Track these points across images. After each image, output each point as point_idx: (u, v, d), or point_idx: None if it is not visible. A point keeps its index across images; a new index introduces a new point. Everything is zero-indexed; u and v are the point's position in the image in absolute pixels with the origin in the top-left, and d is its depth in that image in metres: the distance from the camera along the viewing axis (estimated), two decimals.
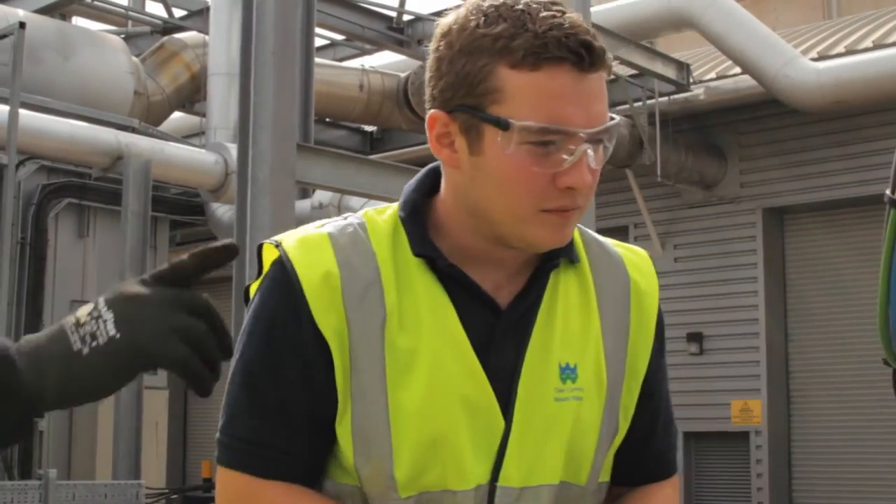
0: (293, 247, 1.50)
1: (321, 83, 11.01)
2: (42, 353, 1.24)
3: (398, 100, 12.49)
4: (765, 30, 11.55)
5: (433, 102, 1.47)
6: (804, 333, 12.35)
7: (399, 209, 1.54)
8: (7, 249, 8.31)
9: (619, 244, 1.67)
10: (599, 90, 1.42)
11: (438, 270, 1.49)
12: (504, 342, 1.50)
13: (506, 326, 1.50)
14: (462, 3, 1.50)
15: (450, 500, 1.47)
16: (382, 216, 1.55)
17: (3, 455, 8.33)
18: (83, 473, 10.08)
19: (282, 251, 1.51)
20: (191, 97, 12.33)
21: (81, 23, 13.27)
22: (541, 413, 1.50)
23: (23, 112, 8.85)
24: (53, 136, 9.51)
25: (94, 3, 13.08)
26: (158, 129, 11.30)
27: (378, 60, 14.26)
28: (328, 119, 13.61)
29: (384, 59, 14.47)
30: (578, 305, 1.56)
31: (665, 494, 1.66)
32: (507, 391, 1.49)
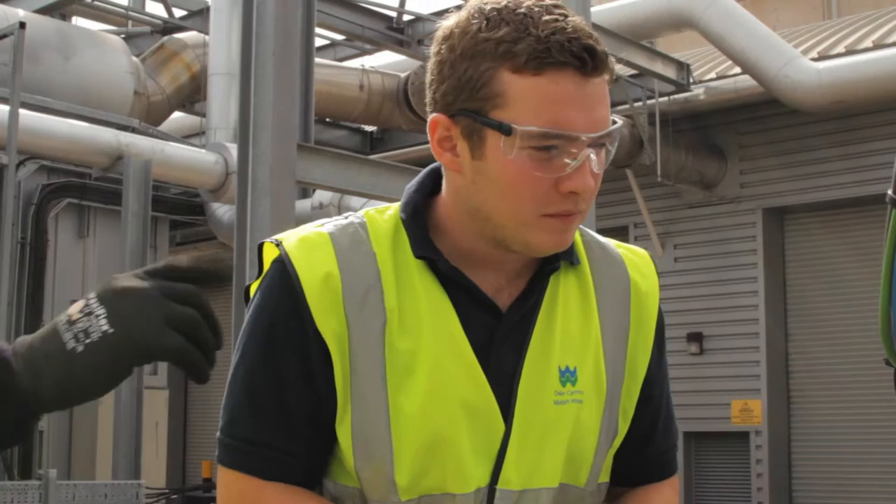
0: (294, 246, 1.50)
1: (321, 83, 11.00)
2: (36, 354, 1.23)
3: (398, 100, 12.49)
4: (765, 30, 11.55)
5: (434, 106, 1.47)
6: (804, 333, 12.35)
7: (400, 210, 1.53)
8: (7, 249, 8.30)
9: (621, 245, 1.66)
10: (602, 94, 1.42)
11: (439, 272, 1.49)
12: (504, 345, 1.49)
13: (506, 329, 1.50)
14: (463, 5, 1.49)
15: (449, 503, 1.47)
16: (383, 216, 1.54)
17: (4, 455, 8.32)
18: (83, 473, 10.08)
19: (282, 250, 1.50)
20: (191, 97, 12.33)
21: (81, 23, 13.26)
22: (540, 416, 1.49)
23: (23, 112, 8.84)
24: (53, 136, 9.50)
25: (94, 3, 13.07)
26: (158, 129, 11.29)
27: (378, 60, 14.26)
28: (328, 119, 13.61)
29: (384, 59, 14.46)
30: (578, 308, 1.56)
31: (664, 495, 1.66)
32: (507, 394, 1.48)
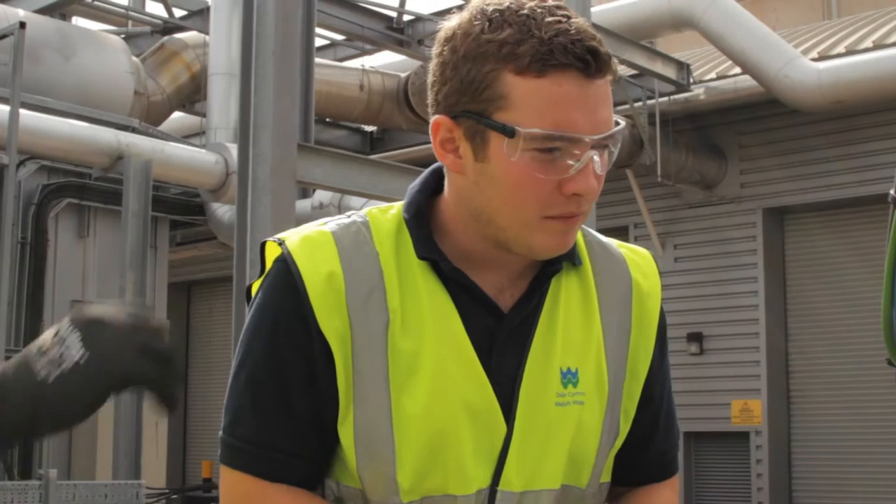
0: (297, 245, 1.49)
1: (321, 83, 11.01)
2: (7, 385, 1.21)
3: (398, 100, 12.48)
4: (765, 30, 11.55)
5: (437, 107, 1.46)
6: (804, 333, 12.35)
7: (403, 210, 1.53)
8: (7, 249, 8.30)
9: (623, 245, 1.66)
10: (605, 96, 1.41)
11: (441, 273, 1.48)
12: (506, 346, 1.49)
13: (508, 330, 1.50)
14: (464, 5, 1.49)
15: None
16: (386, 215, 1.54)
17: (4, 455, 8.32)
18: (83, 473, 10.07)
19: (285, 249, 1.49)
20: (191, 97, 12.32)
21: (82, 23, 13.26)
22: (542, 418, 1.49)
23: (23, 112, 8.84)
24: (54, 136, 9.50)
25: (95, 3, 13.06)
26: (159, 129, 11.29)
27: (378, 60, 14.25)
28: (328, 119, 13.61)
29: (384, 59, 14.45)
30: (580, 309, 1.55)
31: (664, 496, 1.65)
32: (509, 395, 1.48)
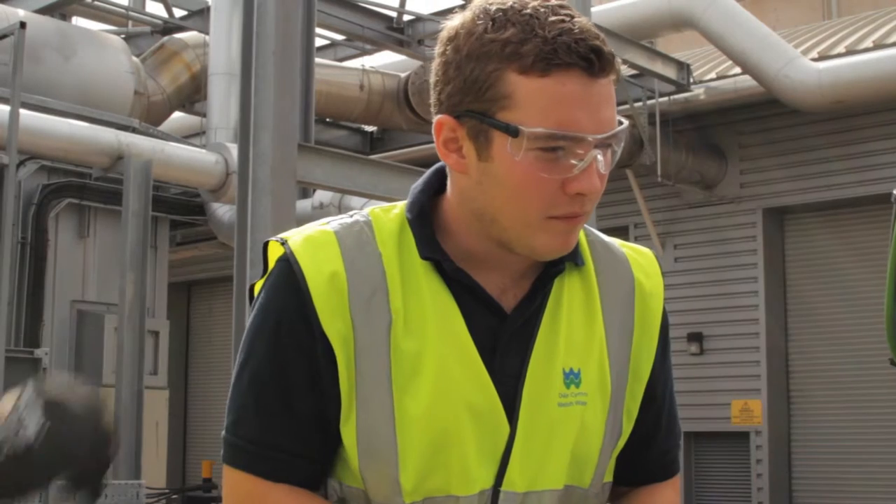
0: (299, 245, 1.49)
1: (321, 83, 11.00)
2: None
3: (398, 100, 12.48)
4: (765, 30, 11.55)
5: (440, 107, 1.46)
6: (804, 333, 12.35)
7: (406, 210, 1.53)
8: (7, 249, 8.29)
9: (625, 244, 1.66)
10: (608, 95, 1.41)
11: (444, 273, 1.48)
12: (509, 347, 1.49)
13: (510, 331, 1.49)
14: (465, 4, 1.49)
15: None
16: (389, 215, 1.53)
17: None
18: None
19: (287, 249, 1.49)
20: (191, 97, 12.32)
21: (82, 23, 13.26)
22: (545, 418, 1.49)
23: (23, 112, 8.83)
24: (54, 136, 9.50)
25: (95, 3, 13.06)
26: (159, 129, 11.29)
27: (378, 60, 14.26)
28: (328, 119, 13.61)
29: (384, 59, 14.45)
30: (583, 309, 1.55)
31: (666, 496, 1.66)
32: (512, 396, 1.48)
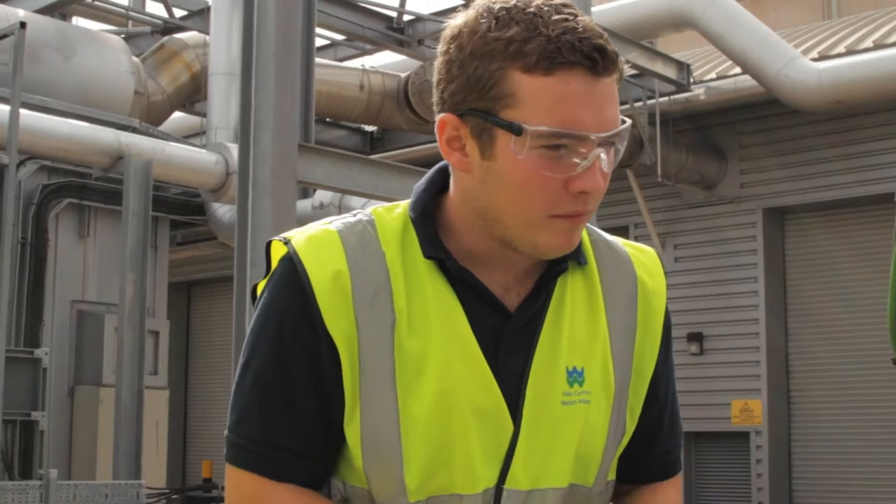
0: (303, 244, 1.49)
1: (321, 83, 11.00)
2: None
3: (398, 100, 12.48)
4: (765, 30, 11.55)
5: (443, 106, 1.45)
6: (804, 333, 12.35)
7: (409, 209, 1.53)
8: (7, 249, 8.29)
9: (628, 243, 1.66)
10: (612, 94, 1.41)
11: (448, 272, 1.48)
12: (512, 346, 1.49)
13: (514, 330, 1.49)
14: (467, 3, 1.49)
15: None
16: (392, 214, 1.53)
17: (4, 455, 8.33)
18: (84, 473, 10.08)
19: (291, 248, 1.49)
20: (191, 97, 12.32)
21: (82, 23, 13.26)
22: (548, 417, 1.49)
23: (23, 112, 8.83)
24: (54, 136, 9.50)
25: (95, 3, 13.06)
26: (159, 129, 11.29)
27: (378, 60, 14.26)
28: (328, 119, 13.61)
29: (384, 60, 14.46)
30: (586, 308, 1.55)
31: (668, 495, 1.66)
32: (516, 395, 1.48)
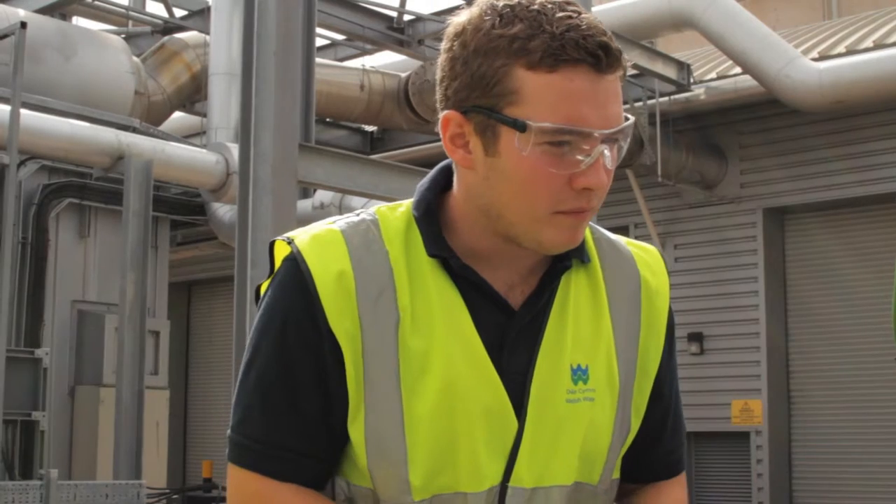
0: (306, 244, 1.49)
1: (322, 83, 11.00)
2: None
3: (399, 100, 12.48)
4: (765, 30, 11.55)
5: (446, 103, 1.46)
6: (805, 333, 12.35)
7: (413, 208, 1.53)
8: (8, 249, 8.29)
9: (631, 242, 1.67)
10: (615, 91, 1.42)
11: (451, 271, 1.48)
12: (516, 343, 1.49)
13: (518, 328, 1.50)
14: (469, 2, 1.49)
15: (461, 503, 1.46)
16: (395, 213, 1.54)
17: (5, 455, 8.33)
18: (84, 473, 10.08)
19: (294, 248, 1.49)
20: (191, 97, 12.33)
21: (82, 23, 13.26)
22: (553, 414, 1.49)
23: (24, 112, 8.83)
24: (54, 136, 9.50)
25: (95, 3, 13.06)
26: (159, 129, 11.30)
27: (379, 60, 14.26)
28: (328, 119, 13.61)
29: (385, 59, 14.46)
30: (589, 306, 1.56)
31: (675, 494, 1.66)
32: (520, 393, 1.48)
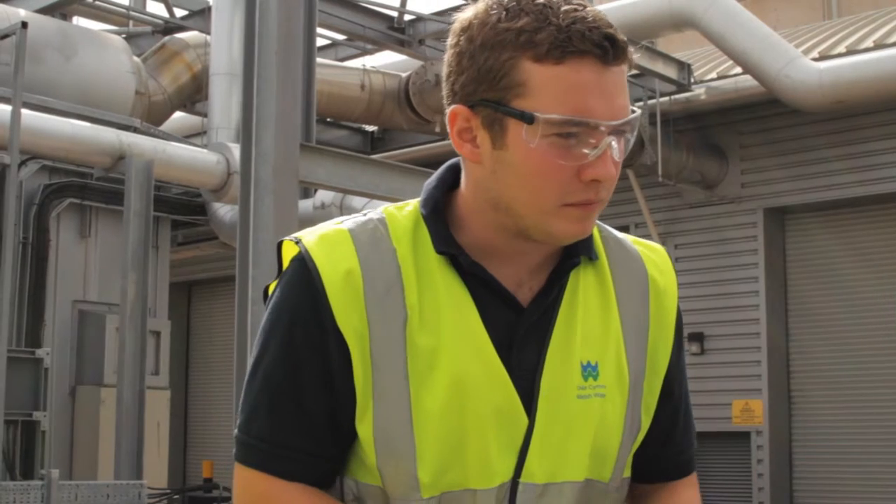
0: (314, 244, 1.49)
1: (322, 83, 11.01)
2: None
3: (399, 100, 12.49)
4: (766, 30, 11.55)
5: (453, 98, 1.46)
6: (805, 333, 12.35)
7: (420, 206, 1.53)
8: (9, 249, 8.29)
9: (638, 241, 1.67)
10: (621, 83, 1.43)
11: (460, 268, 1.48)
12: (526, 340, 1.49)
13: (527, 325, 1.50)
14: (467, 4, 1.49)
15: (470, 499, 1.47)
16: (402, 212, 1.54)
17: (6, 455, 8.33)
18: (85, 473, 10.08)
19: (302, 248, 1.49)
20: (192, 97, 12.33)
21: (83, 23, 13.26)
22: (563, 410, 1.49)
23: (25, 112, 8.83)
24: (55, 136, 9.50)
25: (96, 3, 13.06)
26: (160, 129, 11.30)
27: (379, 60, 14.27)
28: (329, 119, 13.61)
29: (385, 59, 14.46)
30: (598, 303, 1.56)
31: (688, 495, 1.67)
32: (530, 389, 1.48)
